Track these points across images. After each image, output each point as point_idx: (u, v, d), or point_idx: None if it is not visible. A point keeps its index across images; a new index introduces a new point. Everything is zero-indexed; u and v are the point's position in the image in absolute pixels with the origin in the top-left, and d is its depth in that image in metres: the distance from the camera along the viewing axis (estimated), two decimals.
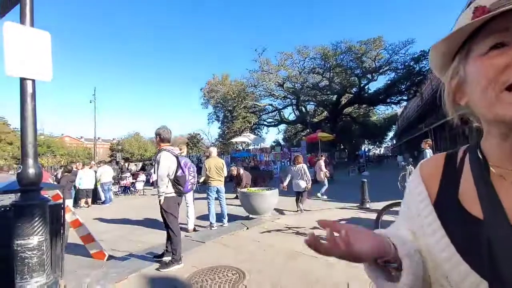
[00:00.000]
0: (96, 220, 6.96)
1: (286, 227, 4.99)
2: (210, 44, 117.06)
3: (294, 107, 32.17)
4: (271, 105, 32.45)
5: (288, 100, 31.28)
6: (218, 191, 5.68)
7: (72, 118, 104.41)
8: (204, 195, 6.02)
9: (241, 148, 28.85)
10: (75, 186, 9.76)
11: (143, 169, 21.31)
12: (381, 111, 39.57)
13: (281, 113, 33.44)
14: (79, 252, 4.16)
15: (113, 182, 11.57)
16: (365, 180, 6.72)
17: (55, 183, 8.93)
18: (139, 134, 47.65)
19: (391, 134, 61.04)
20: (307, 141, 19.58)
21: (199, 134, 42.72)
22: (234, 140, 23.59)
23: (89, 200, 10.21)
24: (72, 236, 4.39)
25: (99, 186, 10.46)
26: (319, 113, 35.27)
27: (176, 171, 3.53)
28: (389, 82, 26.70)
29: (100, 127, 74.28)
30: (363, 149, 42.63)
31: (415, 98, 32.98)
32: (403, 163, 19.60)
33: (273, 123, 35.00)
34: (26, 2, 2.46)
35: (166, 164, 3.48)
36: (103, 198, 10.50)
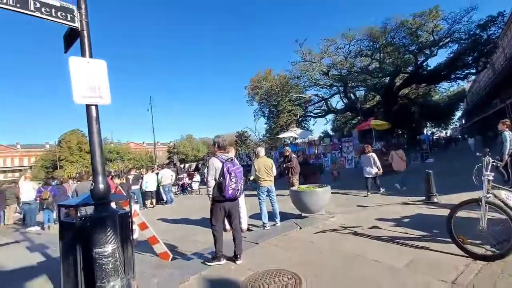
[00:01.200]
0: (159, 221, 7.64)
1: (342, 227, 4.75)
2: (255, 42, 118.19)
3: (341, 95, 30.49)
4: (316, 95, 31.33)
5: (335, 88, 29.76)
6: (268, 191, 5.69)
7: (135, 125, 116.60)
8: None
9: (289, 142, 28.61)
10: (141, 189, 10.91)
11: (197, 169, 22.70)
12: (445, 89, 34.86)
13: (328, 102, 32.05)
14: (148, 251, 4.59)
15: (172, 183, 12.56)
16: (431, 171, 6.00)
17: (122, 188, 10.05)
18: (191, 136, 50.96)
19: (458, 113, 53.65)
20: (358, 130, 18.41)
21: (246, 131, 43.64)
22: (281, 136, 23.45)
23: (154, 201, 11.29)
24: (142, 235, 4.87)
25: (160, 188, 11.47)
26: (370, 99, 32.83)
27: (219, 177, 3.69)
28: (451, 55, 23.32)
29: (158, 131, 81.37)
30: (425, 132, 38.32)
31: (486, 70, 28.30)
32: (475, 148, 17.02)
33: (320, 114, 33.78)
34: (84, 35, 2.75)
35: (210, 169, 3.80)
36: (165, 199, 11.49)
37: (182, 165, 26.62)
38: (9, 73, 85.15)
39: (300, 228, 4.97)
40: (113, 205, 3.36)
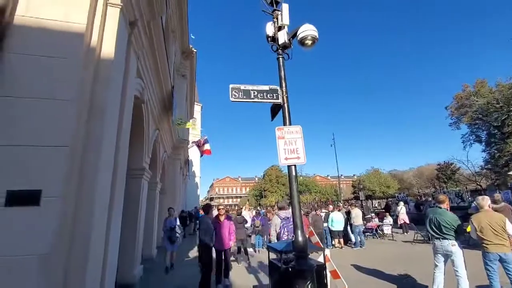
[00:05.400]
0: (352, 267, 7.29)
1: None
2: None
3: None
4: None
5: None
6: (502, 260, 3.95)
7: (321, 158, 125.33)
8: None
9: None
10: (328, 228, 11.13)
11: (387, 208, 20.17)
12: None
13: None
14: None
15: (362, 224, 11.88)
16: None
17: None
18: (378, 170, 47.03)
19: None
20: None
21: (453, 163, 34.46)
22: None
23: (341, 240, 11.08)
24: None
25: (348, 228, 11.14)
26: None
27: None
28: None
29: (341, 165, 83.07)
30: None
31: None
32: None
33: None
34: (285, 107, 3.36)
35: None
36: (353, 240, 10.98)
37: (369, 203, 24.79)
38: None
39: None
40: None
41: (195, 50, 16.87)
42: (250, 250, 10.55)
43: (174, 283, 6.34)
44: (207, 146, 18.69)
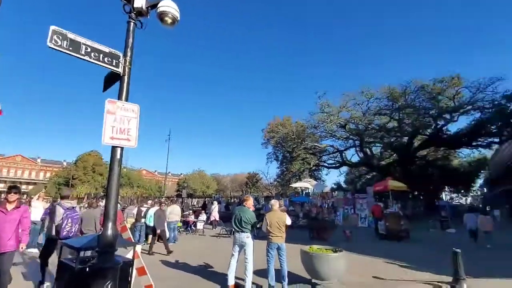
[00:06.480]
0: (159, 262, 7.20)
1: None
2: (275, 87, 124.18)
3: (357, 149, 30.31)
4: (332, 146, 31.32)
5: (351, 141, 29.74)
6: (279, 249, 5.29)
7: (150, 152, 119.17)
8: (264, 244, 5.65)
9: (300, 191, 27.86)
10: (145, 223, 10.58)
11: (204, 206, 22.09)
12: (465, 155, 34.03)
13: (343, 154, 31.79)
14: None
15: (179, 220, 12.15)
16: (459, 250, 5.43)
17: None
18: (203, 171, 51.01)
19: (479, 181, 51.34)
20: (375, 189, 17.77)
21: (258, 174, 43.38)
22: (295, 185, 23.00)
23: (156, 237, 10.83)
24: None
25: (165, 224, 11.08)
26: (387, 156, 32.34)
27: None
28: (473, 122, 23.20)
29: (171, 162, 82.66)
30: (444, 198, 36.51)
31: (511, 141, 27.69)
32: (500, 220, 16.26)
33: (334, 165, 33.35)
34: (124, 80, 2.87)
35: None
36: (167, 236, 11.02)
37: (189, 200, 26.14)
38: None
39: None
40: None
41: None
42: (35, 250, 8.21)
43: None
44: None
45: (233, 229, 5.53)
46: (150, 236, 10.69)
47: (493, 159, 45.95)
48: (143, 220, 10.48)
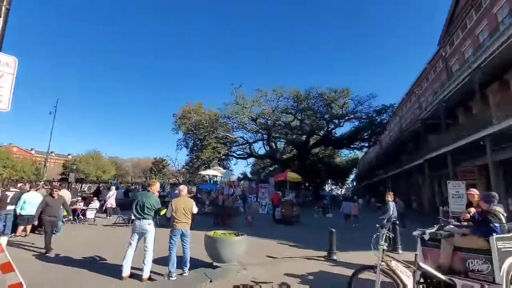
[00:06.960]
0: (33, 258, 5.97)
1: (253, 282, 4.67)
2: (189, 70, 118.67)
3: (264, 142, 32.76)
4: (242, 137, 32.77)
5: (260, 135, 31.89)
6: (182, 235, 5.21)
7: (24, 126, 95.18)
8: (167, 232, 5.46)
9: (208, 179, 28.04)
10: (15, 211, 8.46)
11: (97, 192, 19.37)
12: (345, 154, 41.89)
13: (252, 146, 33.76)
14: None
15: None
16: (333, 230, 6.73)
17: None
18: (99, 153, 44.26)
19: (352, 176, 64.48)
20: (276, 180, 19.67)
21: (165, 160, 41.01)
22: (204, 172, 22.93)
23: (28, 228, 8.83)
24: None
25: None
26: (289, 151, 36.25)
27: None
28: (353, 129, 28.82)
29: (55, 141, 67.58)
30: (326, 189, 43.99)
31: (375, 146, 35.76)
32: (362, 207, 21.47)
33: (242, 156, 35.01)
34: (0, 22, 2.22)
35: None
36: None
37: (79, 186, 22.40)
38: None
39: (211, 281, 4.64)
40: None
41: None
42: None
43: None
44: None
45: (133, 216, 5.11)
46: (22, 228, 8.65)
47: (362, 160, 58.30)
48: (10, 207, 8.36)
